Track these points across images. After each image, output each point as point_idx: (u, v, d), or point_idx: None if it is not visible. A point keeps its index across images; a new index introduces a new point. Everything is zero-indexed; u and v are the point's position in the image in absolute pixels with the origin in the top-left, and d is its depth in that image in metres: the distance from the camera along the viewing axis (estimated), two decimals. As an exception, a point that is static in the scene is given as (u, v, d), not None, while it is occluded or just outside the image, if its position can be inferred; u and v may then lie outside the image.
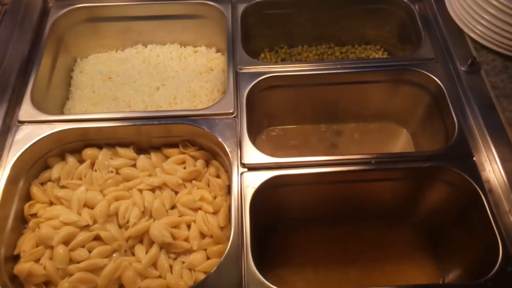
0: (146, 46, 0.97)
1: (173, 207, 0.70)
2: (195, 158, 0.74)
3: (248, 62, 0.79)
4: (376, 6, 0.91)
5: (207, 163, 0.75)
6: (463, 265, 0.67)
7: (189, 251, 0.65)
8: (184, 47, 0.97)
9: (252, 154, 0.67)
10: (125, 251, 0.65)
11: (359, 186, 0.70)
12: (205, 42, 0.97)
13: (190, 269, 0.64)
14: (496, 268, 0.55)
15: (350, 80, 0.79)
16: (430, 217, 0.74)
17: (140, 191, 0.69)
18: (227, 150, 0.67)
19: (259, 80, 0.76)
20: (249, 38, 0.93)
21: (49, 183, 0.70)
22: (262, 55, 0.99)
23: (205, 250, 0.66)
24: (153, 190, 0.70)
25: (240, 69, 0.78)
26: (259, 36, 0.96)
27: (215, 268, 0.56)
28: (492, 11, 0.72)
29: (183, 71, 0.92)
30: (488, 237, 0.59)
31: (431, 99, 0.77)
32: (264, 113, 0.86)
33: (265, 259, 0.76)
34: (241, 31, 0.83)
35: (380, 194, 0.74)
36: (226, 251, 0.58)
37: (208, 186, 0.71)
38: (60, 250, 0.62)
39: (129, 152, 0.74)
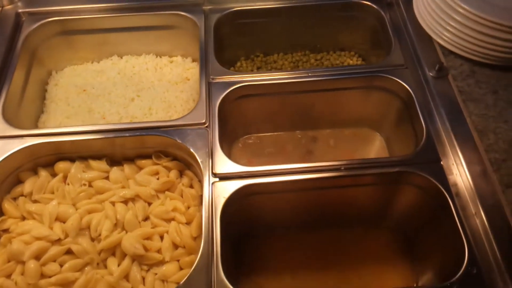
0: (121, 57, 0.97)
1: (146, 218, 0.70)
2: (168, 169, 0.74)
3: (220, 72, 0.79)
4: (349, 14, 0.92)
5: (181, 174, 0.75)
6: (435, 268, 0.68)
7: (161, 262, 0.65)
8: (160, 57, 0.98)
9: (223, 163, 0.68)
10: (98, 264, 0.65)
11: (331, 193, 0.71)
12: (180, 52, 0.98)
13: (162, 280, 0.64)
14: (461, 270, 0.56)
15: (322, 87, 0.80)
16: (403, 221, 0.75)
17: (113, 203, 0.69)
18: (199, 160, 0.67)
19: (231, 90, 0.76)
20: (224, 47, 0.94)
21: (21, 198, 0.70)
22: (239, 64, 1.00)
23: (178, 261, 0.66)
24: (126, 202, 0.70)
25: (213, 79, 0.78)
26: (235, 45, 0.97)
27: (184, 279, 0.56)
28: (458, 18, 0.73)
29: (158, 82, 0.93)
30: (455, 239, 0.60)
31: (402, 104, 0.78)
32: (240, 121, 0.86)
33: (241, 266, 0.77)
34: (214, 41, 0.84)
35: (354, 200, 0.74)
36: (196, 261, 0.58)
37: (182, 196, 0.72)
38: (31, 265, 0.62)
39: (102, 165, 0.74)
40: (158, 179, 0.73)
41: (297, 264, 0.78)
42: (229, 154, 0.75)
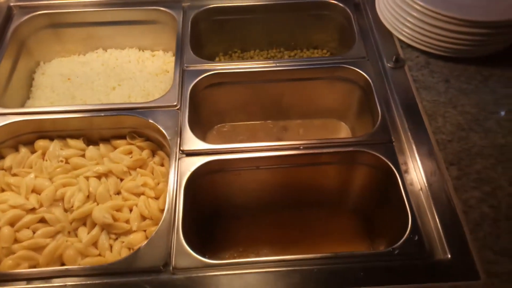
0: (106, 51, 1.03)
1: (118, 193, 0.75)
2: (141, 149, 0.79)
3: (194, 61, 0.85)
4: (320, 12, 0.99)
5: (154, 153, 0.80)
6: (388, 242, 0.72)
7: (129, 232, 0.70)
8: (143, 51, 1.04)
9: (191, 141, 0.72)
10: (69, 232, 0.70)
11: (294, 173, 0.75)
12: (162, 47, 1.04)
13: (129, 248, 0.68)
14: (404, 237, 0.60)
15: (289, 77, 0.85)
16: (361, 200, 0.80)
17: (87, 178, 0.74)
18: (168, 138, 0.72)
19: (203, 77, 0.82)
20: (203, 43, 1.00)
21: (1, 171, 0.75)
22: (217, 59, 1.06)
23: (145, 231, 0.70)
24: (99, 177, 0.74)
25: (187, 67, 0.84)
26: (214, 41, 1.03)
27: (145, 243, 0.61)
28: (415, 14, 0.79)
29: (139, 73, 0.98)
30: (402, 212, 0.64)
31: (363, 93, 0.84)
32: (214, 110, 0.92)
33: (209, 244, 0.81)
34: (191, 35, 0.90)
35: (316, 181, 0.79)
36: (157, 227, 0.62)
37: (152, 173, 0.76)
38: (6, 230, 0.66)
39: (79, 143, 0.78)
40: (131, 158, 0.78)
41: (262, 243, 0.82)
42: (203, 140, 0.81)
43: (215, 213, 0.82)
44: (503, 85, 0.76)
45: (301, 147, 0.72)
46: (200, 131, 0.91)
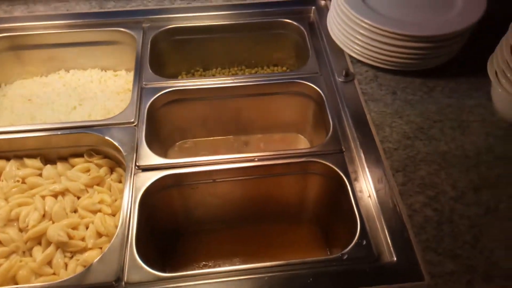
0: (68, 71, 1.04)
1: (75, 211, 0.74)
2: (100, 166, 0.80)
3: (153, 79, 0.87)
4: (277, 31, 1.02)
5: (112, 170, 0.81)
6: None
7: (85, 249, 0.69)
8: (105, 71, 1.05)
9: (147, 157, 0.73)
10: (24, 252, 0.69)
11: (249, 185, 0.77)
12: (125, 67, 1.05)
13: (84, 266, 0.68)
14: (353, 242, 0.62)
15: (246, 92, 0.88)
16: (317, 211, 0.82)
17: (43, 197, 0.74)
18: (124, 153, 0.73)
19: (161, 94, 0.83)
20: (165, 62, 1.03)
21: (-44, 194, 0.74)
22: (180, 77, 1.08)
23: (101, 248, 0.70)
24: (55, 196, 0.74)
25: (145, 84, 0.85)
26: (176, 60, 1.05)
27: (97, 258, 0.61)
28: (363, 32, 0.84)
29: (101, 92, 1.00)
30: (352, 219, 0.66)
31: (317, 107, 0.87)
32: (175, 127, 0.93)
33: (170, 260, 0.81)
34: (150, 54, 0.92)
35: (273, 194, 0.80)
36: (110, 243, 0.62)
37: (110, 190, 0.77)
38: (-42, 252, 0.66)
39: (36, 163, 0.78)
40: (89, 175, 0.78)
41: (223, 257, 0.83)
42: (165, 157, 0.81)
43: (176, 228, 0.83)
44: (446, 95, 0.81)
45: (256, 159, 0.74)
46: (161, 148, 0.93)
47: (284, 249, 0.84)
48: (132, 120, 0.78)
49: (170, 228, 0.81)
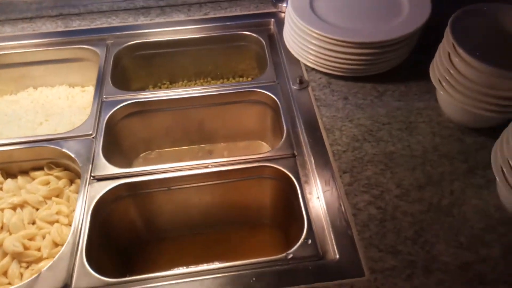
0: (36, 89, 1.07)
1: (34, 222, 0.76)
2: (59, 178, 0.81)
3: (114, 92, 0.89)
4: (239, 43, 1.06)
5: (72, 182, 0.82)
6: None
7: (40, 259, 0.70)
8: (73, 87, 1.08)
9: (103, 167, 0.75)
10: (-20, 264, 0.70)
11: (205, 191, 0.79)
12: (92, 83, 1.06)
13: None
14: (299, 242, 0.64)
15: (206, 102, 0.90)
16: (275, 215, 0.84)
17: (2, 210, 0.75)
18: (80, 164, 0.75)
19: (122, 106, 0.86)
20: (130, 77, 1.05)
21: None
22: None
23: (57, 257, 0.72)
24: (14, 208, 0.76)
25: (106, 98, 0.88)
26: (142, 75, 1.08)
27: (47, 266, 0.62)
28: (314, 41, 0.86)
29: (68, 108, 1.02)
30: (301, 220, 0.68)
31: (274, 114, 0.89)
32: (139, 138, 0.95)
33: (130, 269, 0.82)
34: (113, 69, 0.94)
35: (231, 199, 0.82)
36: (61, 251, 0.63)
37: (68, 201, 0.78)
38: None
39: (-4, 177, 0.80)
40: (49, 187, 0.80)
41: (184, 264, 0.83)
42: (129, 167, 0.83)
43: (138, 237, 0.84)
44: (396, 98, 0.84)
45: (210, 166, 0.76)
46: (125, 159, 0.94)
47: (247, 253, 0.85)
48: (90, 133, 0.81)
49: (131, 237, 0.82)
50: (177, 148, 1.00)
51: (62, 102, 1.04)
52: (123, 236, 0.80)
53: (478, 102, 0.70)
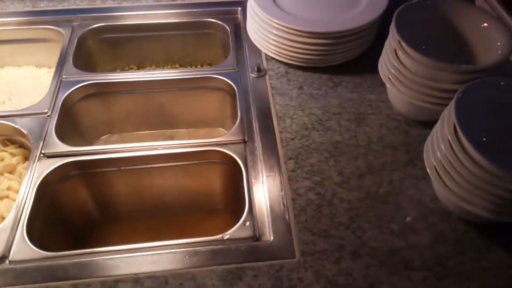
0: (3, 68, 1.07)
1: (-15, 197, 0.77)
2: (14, 155, 0.82)
3: (74, 73, 0.90)
4: (206, 31, 1.06)
5: (26, 160, 0.83)
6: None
7: (-14, 233, 0.72)
8: (40, 68, 1.08)
9: (54, 145, 0.76)
10: None
11: (157, 173, 0.80)
12: (60, 64, 1.09)
13: (-17, 248, 0.70)
14: (237, 224, 0.65)
15: (166, 86, 0.91)
16: (226, 199, 0.85)
17: (-47, 185, 0.76)
18: (31, 141, 0.76)
19: (79, 86, 0.87)
20: (97, 60, 1.06)
21: None
22: (110, 74, 1.12)
23: (3, 231, 0.73)
24: (-35, 183, 0.77)
25: (66, 78, 0.89)
26: (109, 58, 1.09)
27: (-15, 239, 0.63)
28: (274, 31, 0.87)
29: (33, 88, 1.02)
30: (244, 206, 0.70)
31: (233, 101, 0.90)
32: (100, 120, 0.96)
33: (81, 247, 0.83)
34: (77, 51, 0.95)
35: (182, 183, 0.83)
36: (2, 224, 0.65)
37: (20, 178, 0.79)
38: None
39: (-50, 152, 0.81)
40: (2, 163, 0.81)
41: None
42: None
43: (89, 216, 0.85)
44: (350, 90, 0.85)
45: (160, 148, 0.77)
46: (85, 141, 0.95)
47: (198, 237, 0.86)
48: (46, 111, 0.81)
49: (82, 216, 0.84)
50: (139, 132, 1.01)
51: (28, 82, 1.04)
52: (74, 215, 0.81)
53: (422, 95, 0.71)
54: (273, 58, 0.92)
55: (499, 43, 0.67)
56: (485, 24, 0.70)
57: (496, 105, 0.60)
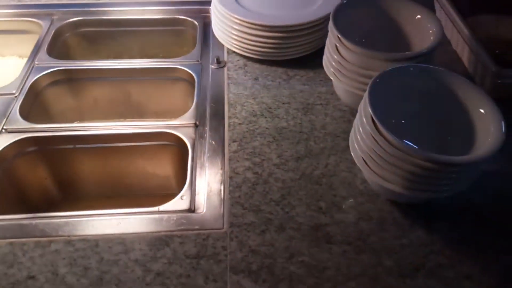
0: (-12, 57, 1.14)
1: None
2: (-20, 133, 0.87)
3: (47, 60, 0.96)
4: (179, 28, 1.12)
5: (-7, 137, 0.88)
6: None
7: None
8: (23, 58, 1.14)
9: (16, 122, 0.81)
10: None
11: (111, 153, 0.84)
12: (41, 55, 1.15)
13: None
14: (175, 198, 0.69)
15: (132, 75, 0.96)
16: (183, 185, 0.88)
17: None
18: (-6, 118, 0.81)
19: (49, 72, 0.92)
20: (75, 54, 1.12)
21: None
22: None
23: (-39, 200, 0.77)
24: None
25: (38, 64, 0.94)
26: (86, 52, 1.14)
27: None
28: (235, 26, 0.92)
29: (14, 77, 1.08)
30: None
31: (194, 91, 0.95)
32: (69, 106, 1.01)
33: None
34: (51, 40, 1.01)
35: (140, 164, 0.87)
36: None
37: (-16, 153, 0.84)
38: None
39: None
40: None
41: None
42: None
43: (48, 195, 0.89)
44: (302, 82, 0.89)
45: (113, 128, 0.81)
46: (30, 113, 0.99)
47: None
48: (14, 92, 0.87)
49: (42, 194, 0.88)
50: (108, 121, 1.06)
51: (10, 71, 1.11)
52: (33, 192, 0.85)
53: (361, 84, 0.74)
54: (234, 52, 0.96)
55: (431, 31, 0.70)
56: (419, 16, 0.74)
57: (408, 90, 0.63)
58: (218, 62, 0.93)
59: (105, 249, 0.61)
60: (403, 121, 0.63)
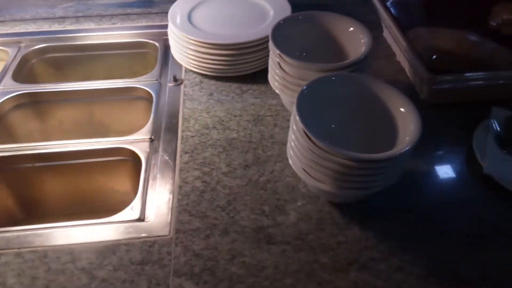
0: (-43, 85, 1.18)
1: None
2: None
3: (11, 85, 0.99)
4: (143, 50, 1.17)
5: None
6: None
7: None
8: (-9, 85, 1.19)
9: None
10: None
11: (72, 171, 0.87)
12: (9, 82, 1.19)
13: None
14: (125, 209, 0.71)
15: (95, 96, 1.01)
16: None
17: None
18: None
19: (12, 96, 0.96)
20: (41, 79, 1.15)
21: None
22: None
23: None
24: None
25: (2, 89, 0.98)
26: (53, 79, 1.18)
27: None
28: (191, 47, 0.97)
29: (-19, 102, 1.12)
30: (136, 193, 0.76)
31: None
32: (34, 129, 1.04)
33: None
34: (17, 67, 1.05)
35: (101, 181, 0.90)
36: None
37: None
38: None
39: None
40: None
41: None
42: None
43: (10, 215, 0.91)
44: (254, 96, 0.93)
45: (70, 146, 0.84)
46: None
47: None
48: (-24, 117, 0.91)
49: (4, 213, 0.90)
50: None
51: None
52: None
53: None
54: (191, 71, 1.01)
55: (362, 41, 0.76)
56: (352, 28, 0.79)
57: (334, 97, 0.68)
58: (175, 80, 0.98)
59: (53, 259, 0.63)
60: (333, 126, 0.67)
